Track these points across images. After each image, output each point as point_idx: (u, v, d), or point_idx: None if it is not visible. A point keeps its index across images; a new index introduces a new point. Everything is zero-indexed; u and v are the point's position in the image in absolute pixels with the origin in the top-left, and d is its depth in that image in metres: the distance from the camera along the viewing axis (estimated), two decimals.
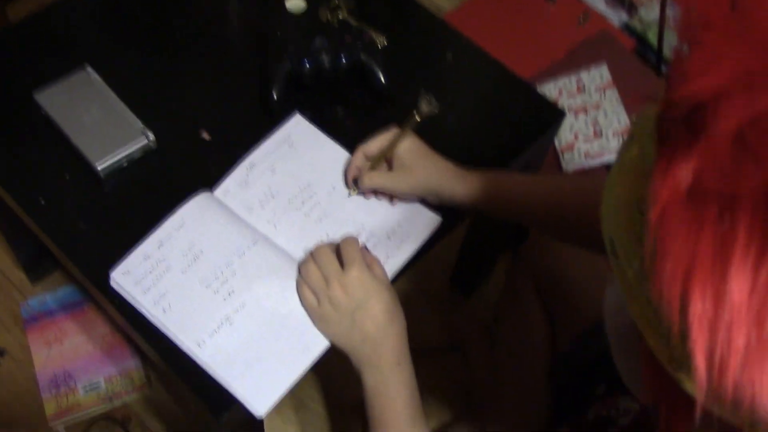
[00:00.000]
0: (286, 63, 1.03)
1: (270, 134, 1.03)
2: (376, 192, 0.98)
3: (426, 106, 1.00)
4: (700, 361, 0.37)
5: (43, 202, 0.96)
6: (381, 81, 1.07)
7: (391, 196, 0.98)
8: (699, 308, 0.36)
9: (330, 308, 0.85)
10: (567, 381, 1.14)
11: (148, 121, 1.01)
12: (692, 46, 0.40)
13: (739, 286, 0.35)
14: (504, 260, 1.60)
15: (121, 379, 1.41)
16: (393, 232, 0.97)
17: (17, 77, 1.06)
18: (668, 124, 0.40)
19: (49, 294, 1.49)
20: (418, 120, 0.98)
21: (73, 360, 1.42)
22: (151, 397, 1.42)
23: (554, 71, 1.63)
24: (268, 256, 0.91)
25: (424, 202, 0.99)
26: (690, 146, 0.38)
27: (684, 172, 0.37)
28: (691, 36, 0.40)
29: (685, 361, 0.40)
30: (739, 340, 0.35)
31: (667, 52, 1.74)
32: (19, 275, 1.52)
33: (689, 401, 0.41)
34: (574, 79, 1.60)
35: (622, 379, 0.57)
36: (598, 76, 1.59)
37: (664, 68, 1.73)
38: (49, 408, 1.37)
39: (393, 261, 0.95)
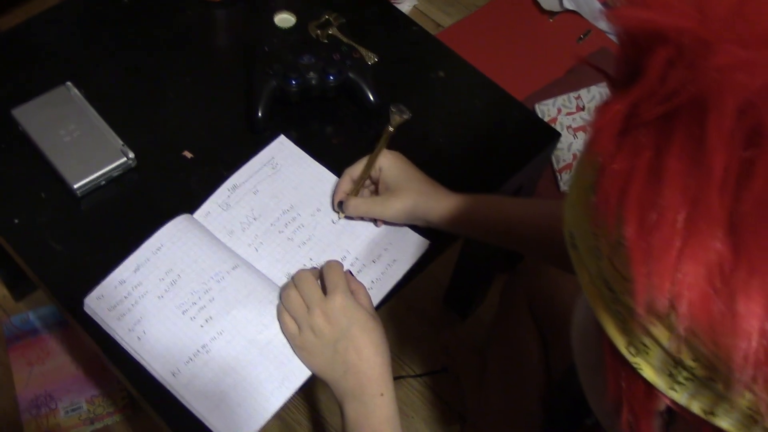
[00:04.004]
0: (271, 80, 0.99)
1: (253, 155, 0.99)
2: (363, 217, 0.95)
3: (397, 115, 0.96)
4: (638, 274, 0.37)
5: (17, 221, 0.93)
6: (371, 99, 1.03)
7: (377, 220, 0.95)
8: (635, 222, 0.37)
9: (311, 337, 0.82)
10: (559, 409, 1.10)
11: (129, 139, 0.98)
12: None
13: (671, 194, 0.36)
14: (500, 281, 1.57)
15: (103, 400, 1.37)
16: (379, 256, 0.94)
17: None
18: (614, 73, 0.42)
19: (32, 312, 1.45)
20: (392, 130, 0.95)
21: (55, 381, 1.38)
22: (134, 418, 1.38)
23: (553, 89, 1.60)
24: (248, 282, 0.87)
25: (413, 225, 0.95)
26: (626, 84, 0.39)
27: (621, 105, 0.39)
28: None
29: (639, 340, 0.41)
30: (672, 246, 0.36)
31: None
32: (1, 292, 1.49)
33: (649, 396, 0.42)
34: (573, 97, 1.57)
35: (588, 400, 0.56)
36: (598, 94, 1.56)
37: None
38: (29, 430, 1.33)
39: (379, 287, 0.92)
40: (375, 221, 0.95)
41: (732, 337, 0.35)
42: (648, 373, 0.41)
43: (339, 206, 0.95)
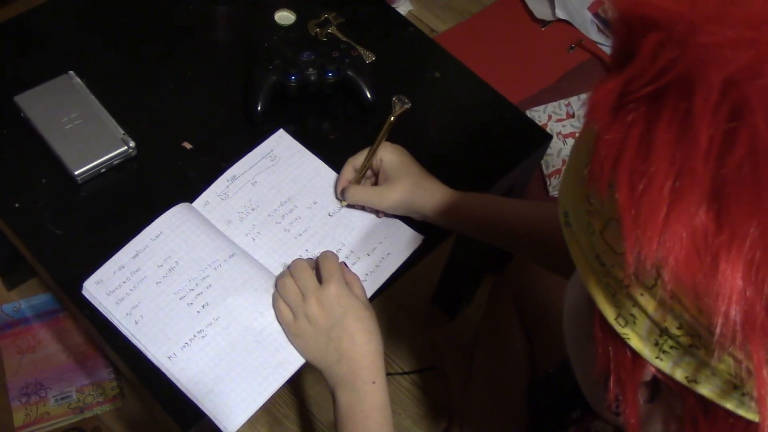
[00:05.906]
0: (271, 75, 1.01)
1: (251, 148, 1.01)
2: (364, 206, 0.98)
3: (398, 104, 0.99)
4: (628, 237, 0.39)
5: (17, 206, 0.94)
6: (368, 97, 1.06)
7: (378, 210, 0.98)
8: (626, 188, 0.39)
9: (306, 324, 0.84)
10: (544, 405, 1.12)
11: (130, 129, 1.00)
12: None
13: (659, 163, 0.38)
14: (489, 282, 1.59)
15: (92, 390, 1.38)
16: (373, 249, 0.96)
17: None
18: (610, 57, 0.45)
19: (24, 301, 1.46)
20: (392, 119, 0.97)
21: (46, 369, 1.39)
22: (123, 409, 1.39)
23: (544, 96, 1.63)
24: (244, 270, 0.89)
25: (408, 219, 0.98)
26: (622, 65, 0.42)
27: (615, 83, 0.41)
28: None
29: (628, 311, 0.43)
30: (659, 211, 0.38)
31: None
32: None
33: (636, 365, 0.45)
34: (563, 104, 1.59)
35: (576, 375, 0.58)
36: None
37: None
38: (18, 418, 1.34)
39: (372, 279, 0.94)
40: (376, 212, 0.98)
41: (713, 300, 0.37)
42: (635, 342, 0.44)
43: (341, 194, 0.97)
